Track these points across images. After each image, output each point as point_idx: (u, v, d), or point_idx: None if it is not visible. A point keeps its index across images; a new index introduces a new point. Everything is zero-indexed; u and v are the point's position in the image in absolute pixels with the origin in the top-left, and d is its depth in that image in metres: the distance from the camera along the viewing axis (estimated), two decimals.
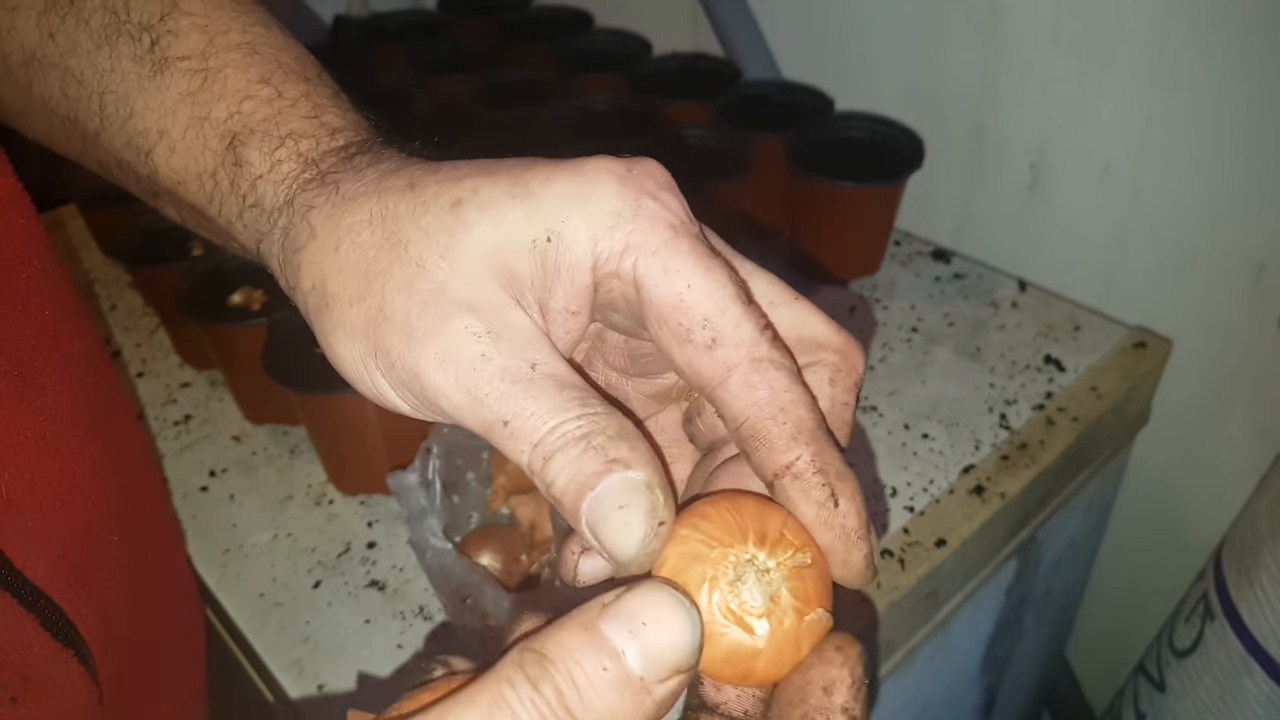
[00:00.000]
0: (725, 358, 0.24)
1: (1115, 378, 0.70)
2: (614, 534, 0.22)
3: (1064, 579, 0.82)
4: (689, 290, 0.24)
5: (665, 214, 0.25)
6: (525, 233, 0.25)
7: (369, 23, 1.08)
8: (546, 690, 0.19)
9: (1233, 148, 0.69)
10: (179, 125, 0.30)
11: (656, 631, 0.20)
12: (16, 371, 0.33)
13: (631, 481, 0.22)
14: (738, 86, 0.88)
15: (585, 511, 0.23)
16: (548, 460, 0.23)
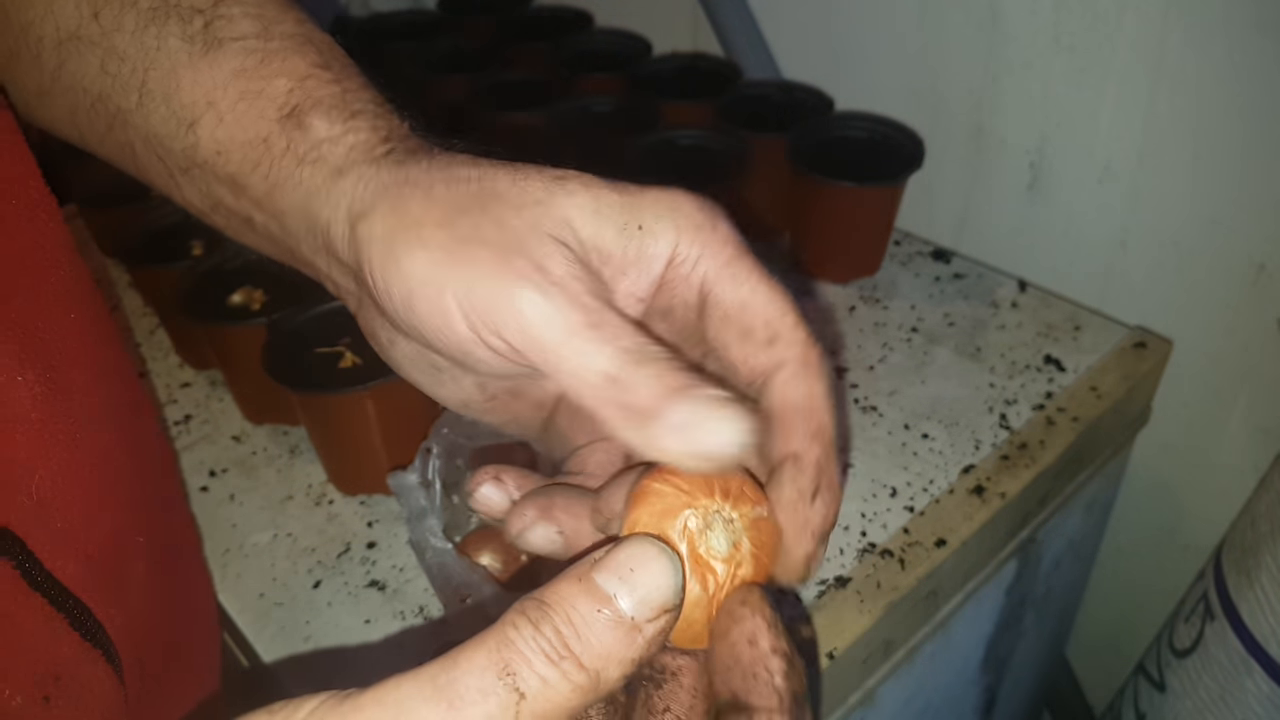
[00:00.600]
0: (779, 354, 0.27)
1: (1115, 378, 0.70)
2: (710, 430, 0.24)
3: (1064, 579, 0.82)
4: (753, 295, 0.28)
5: (734, 235, 0.29)
6: (620, 214, 0.28)
7: (369, 22, 1.08)
8: (547, 630, 0.21)
9: (1232, 148, 0.69)
10: (229, 97, 0.31)
11: (643, 576, 0.22)
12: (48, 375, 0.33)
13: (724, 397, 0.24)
14: (738, 86, 0.88)
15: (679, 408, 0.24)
16: (640, 365, 0.24)
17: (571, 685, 0.21)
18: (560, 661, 0.21)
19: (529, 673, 0.20)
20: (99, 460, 0.36)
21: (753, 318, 0.27)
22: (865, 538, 0.59)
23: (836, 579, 0.57)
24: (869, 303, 0.78)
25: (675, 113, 0.84)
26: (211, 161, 0.32)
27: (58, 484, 0.33)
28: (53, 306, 0.35)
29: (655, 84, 0.90)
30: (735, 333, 0.28)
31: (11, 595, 0.31)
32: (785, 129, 0.79)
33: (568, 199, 0.27)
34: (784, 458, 0.27)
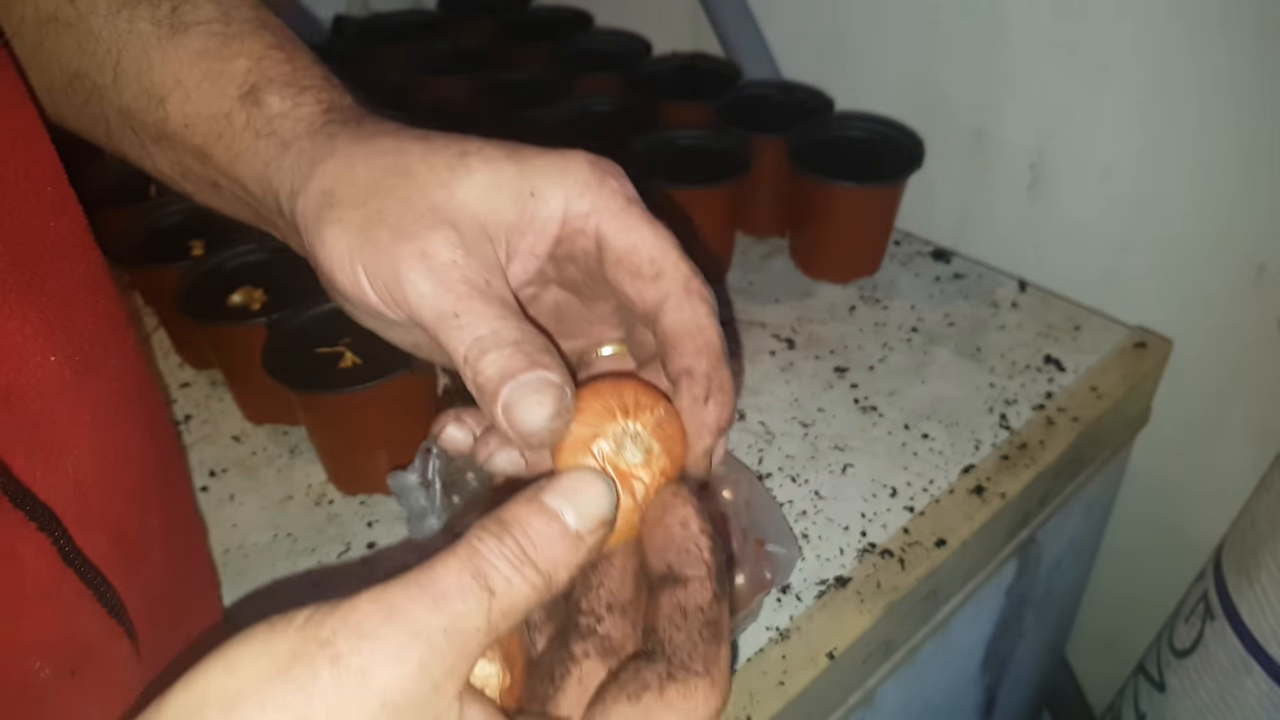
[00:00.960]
0: (665, 287, 0.32)
1: (1115, 378, 0.70)
2: (526, 412, 0.28)
3: (1064, 579, 0.82)
4: (640, 239, 0.32)
5: (623, 189, 0.32)
6: (514, 186, 0.32)
7: (369, 23, 1.08)
8: (509, 542, 0.25)
9: (1233, 149, 0.69)
10: (195, 76, 0.35)
11: (584, 497, 0.26)
12: (77, 358, 0.35)
13: (548, 379, 0.29)
14: (738, 87, 0.88)
15: (505, 393, 0.29)
16: (484, 353, 0.29)
17: (530, 586, 0.25)
18: (521, 566, 0.25)
19: (496, 575, 0.24)
20: (124, 443, 0.38)
21: (640, 258, 0.32)
22: (865, 538, 0.59)
23: (836, 579, 0.57)
24: (869, 303, 0.78)
25: (675, 113, 0.84)
26: (180, 134, 0.35)
27: (89, 464, 0.35)
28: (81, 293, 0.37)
29: (655, 84, 0.90)
30: (627, 273, 0.32)
31: (48, 571, 0.33)
32: (785, 129, 0.79)
33: (468, 178, 0.31)
34: (679, 373, 0.31)
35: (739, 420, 0.68)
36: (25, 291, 0.33)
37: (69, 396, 0.34)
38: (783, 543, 0.55)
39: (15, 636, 0.32)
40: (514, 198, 0.32)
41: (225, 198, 0.37)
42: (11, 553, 0.32)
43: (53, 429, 0.34)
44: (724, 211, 0.78)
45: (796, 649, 0.53)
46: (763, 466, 0.64)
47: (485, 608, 0.24)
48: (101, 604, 0.35)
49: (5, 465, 0.31)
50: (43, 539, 0.33)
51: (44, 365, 0.33)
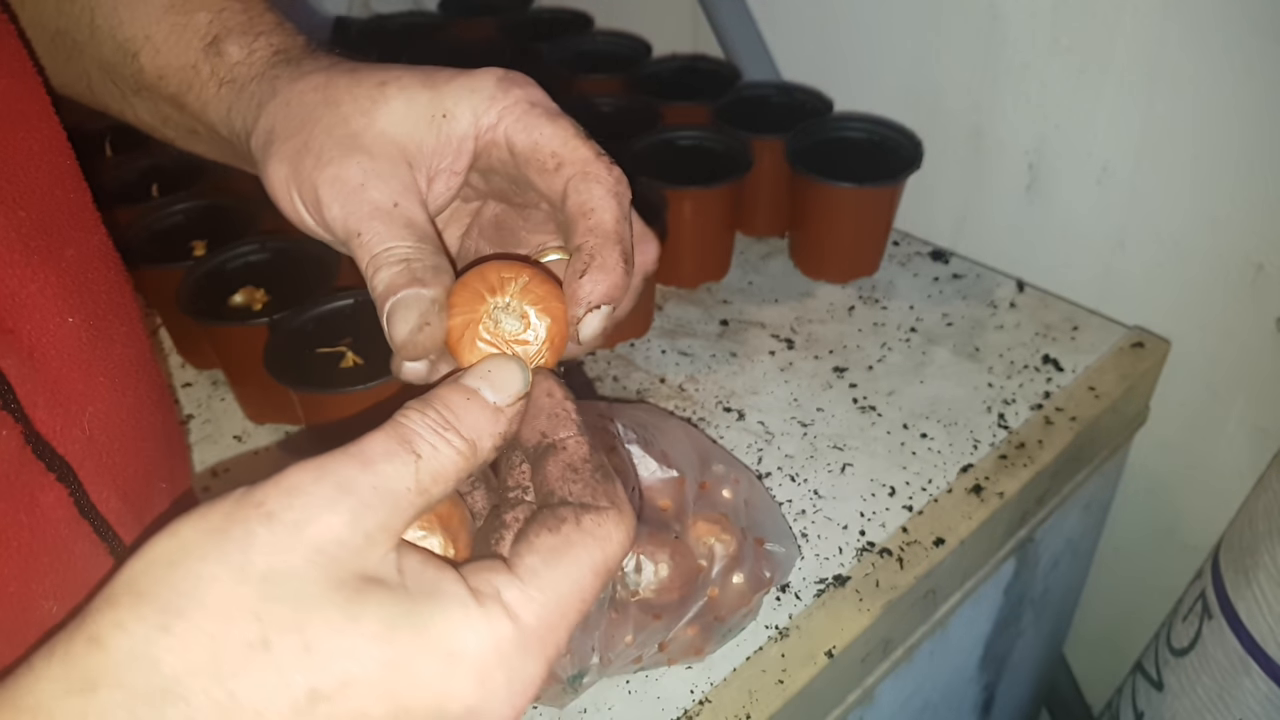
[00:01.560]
0: (566, 174, 0.33)
1: (1113, 378, 0.70)
2: (396, 325, 0.31)
3: (1062, 578, 0.82)
4: (542, 136, 0.34)
5: (527, 94, 0.35)
6: (428, 110, 0.34)
7: (370, 24, 1.08)
8: (430, 413, 0.27)
9: (1230, 148, 0.69)
10: (162, 30, 0.38)
11: (498, 374, 0.29)
12: (92, 321, 0.37)
13: (421, 295, 0.31)
14: (737, 88, 0.88)
15: (386, 308, 0.31)
16: (378, 269, 0.32)
17: (456, 450, 0.27)
18: (444, 432, 0.27)
19: (421, 441, 0.26)
20: (134, 405, 0.40)
21: (543, 154, 0.34)
22: (864, 537, 0.60)
23: (835, 578, 0.57)
24: (868, 303, 0.78)
25: (675, 114, 0.84)
26: (155, 85, 0.39)
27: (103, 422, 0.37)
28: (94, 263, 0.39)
29: (655, 85, 0.90)
30: (535, 171, 0.34)
31: (65, 521, 0.35)
32: (785, 130, 0.80)
33: (385, 106, 0.34)
34: (571, 251, 0.33)
35: (738, 420, 0.68)
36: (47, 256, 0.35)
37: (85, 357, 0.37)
38: (782, 542, 0.55)
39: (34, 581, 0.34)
40: (429, 122, 0.34)
41: (204, 142, 0.40)
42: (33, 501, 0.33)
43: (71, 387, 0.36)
44: (724, 212, 0.78)
45: (796, 647, 0.54)
46: (762, 466, 0.64)
47: (412, 469, 0.26)
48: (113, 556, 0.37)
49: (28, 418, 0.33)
50: (61, 490, 0.35)
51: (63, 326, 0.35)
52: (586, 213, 0.33)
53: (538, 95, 0.35)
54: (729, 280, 0.81)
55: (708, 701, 0.51)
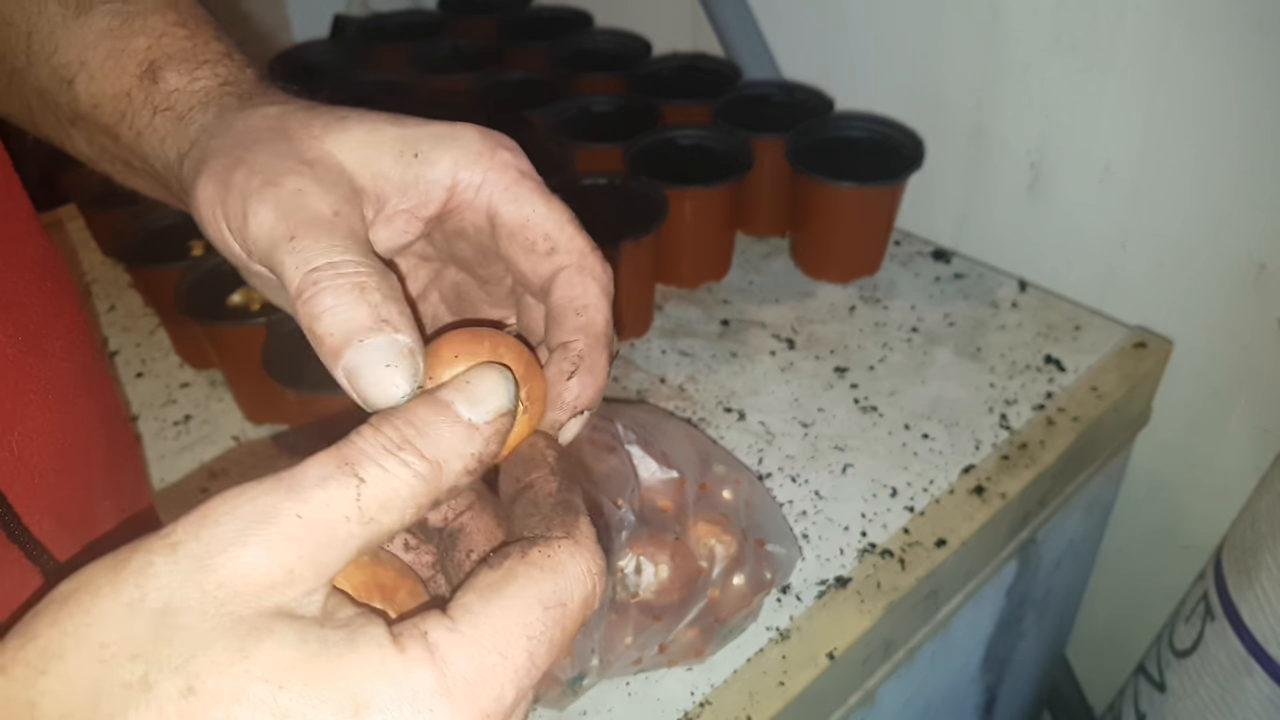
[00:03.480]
0: (559, 262, 0.31)
1: (1115, 378, 0.70)
2: (375, 385, 0.26)
3: (1064, 579, 0.82)
4: (534, 213, 0.31)
5: (515, 161, 0.31)
6: (395, 145, 0.30)
7: (369, 22, 1.08)
8: (386, 429, 0.23)
9: (1232, 148, 0.69)
10: (99, 56, 0.35)
11: (478, 385, 0.25)
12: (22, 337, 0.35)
13: (399, 344, 0.26)
14: (738, 86, 0.88)
15: (348, 356, 0.26)
16: (319, 291, 0.26)
17: (413, 473, 0.23)
18: (399, 451, 0.23)
19: (368, 462, 0.23)
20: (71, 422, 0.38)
21: (534, 233, 0.31)
22: (865, 538, 0.59)
23: (837, 579, 0.57)
24: (869, 303, 0.78)
25: (675, 113, 0.84)
26: (90, 114, 0.35)
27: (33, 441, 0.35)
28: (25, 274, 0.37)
29: (655, 84, 0.90)
30: (520, 248, 0.31)
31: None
32: (785, 129, 0.79)
33: (341, 132, 0.30)
34: (555, 346, 0.30)
35: (739, 420, 0.68)
36: None
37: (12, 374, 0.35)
38: (783, 543, 0.55)
39: None
40: (395, 156, 0.30)
41: (140, 177, 0.37)
42: None
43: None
44: (724, 211, 0.78)
45: (797, 649, 0.53)
46: (763, 466, 0.64)
47: (353, 495, 0.22)
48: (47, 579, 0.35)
49: None
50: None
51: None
52: (579, 309, 0.30)
53: (526, 164, 0.32)
54: (729, 280, 0.81)
55: (708, 703, 0.51)
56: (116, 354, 0.77)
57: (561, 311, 0.30)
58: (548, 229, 0.31)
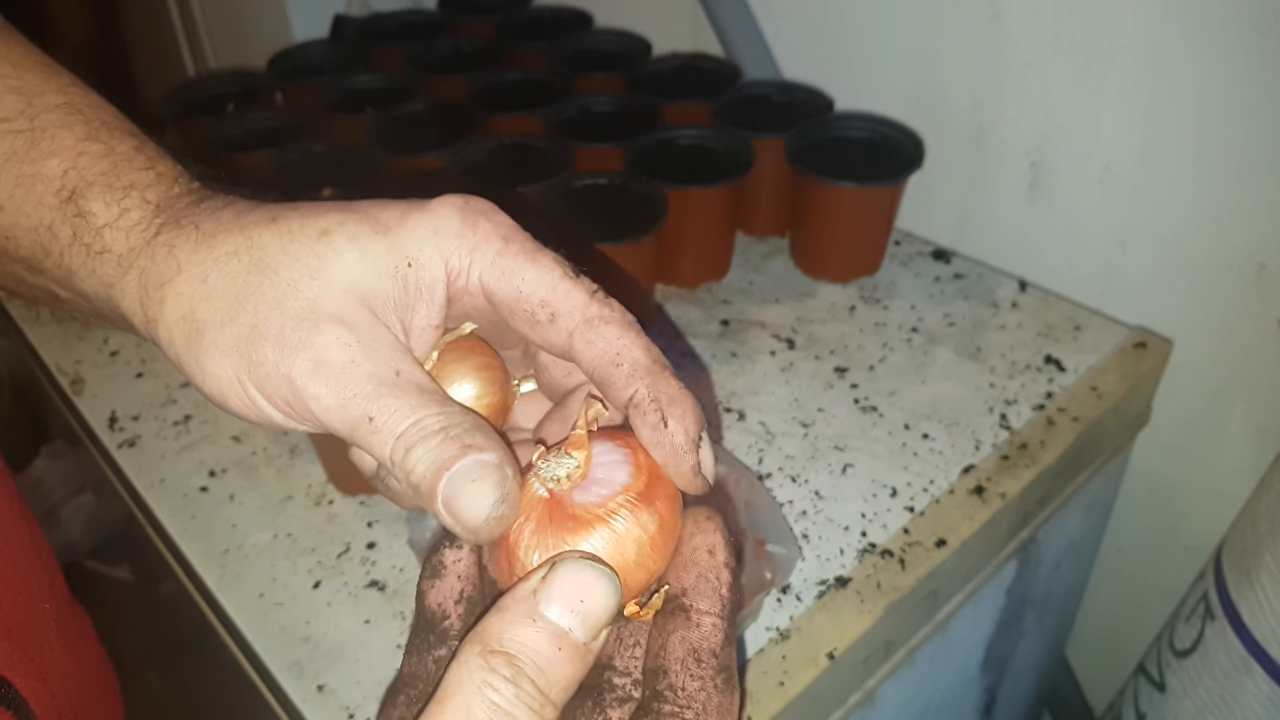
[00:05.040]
0: (565, 325, 0.29)
1: (1115, 378, 0.70)
2: (466, 503, 0.26)
3: (1064, 579, 0.82)
4: (524, 284, 0.29)
5: (497, 229, 0.30)
6: (388, 261, 0.29)
7: (369, 22, 1.08)
8: (525, 685, 0.23)
9: (1233, 148, 0.69)
10: (5, 185, 0.31)
11: (592, 603, 0.24)
12: None
13: (484, 461, 0.26)
14: (738, 86, 0.88)
15: (442, 488, 0.26)
16: (410, 449, 0.27)
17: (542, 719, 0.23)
18: (542, 709, 0.23)
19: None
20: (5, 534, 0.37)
21: (530, 304, 0.29)
22: (865, 538, 0.59)
23: (837, 579, 0.57)
24: (869, 303, 0.78)
25: (675, 113, 0.84)
26: (2, 246, 0.32)
27: None
28: None
29: (655, 84, 0.90)
30: (524, 323, 0.30)
31: None
32: (785, 129, 0.79)
33: (338, 263, 0.29)
34: (624, 406, 0.29)
35: (739, 420, 0.67)
36: None
37: None
38: (783, 543, 0.55)
39: None
40: (391, 275, 0.29)
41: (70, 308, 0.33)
42: None
43: None
44: (724, 211, 0.78)
45: (797, 649, 0.53)
46: (763, 466, 0.64)
47: None
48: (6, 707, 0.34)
49: None
50: None
51: None
52: (616, 361, 0.29)
53: (508, 228, 0.30)
54: (729, 280, 0.81)
55: None
56: (116, 354, 0.77)
57: (602, 372, 0.29)
58: (541, 295, 0.29)
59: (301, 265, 0.28)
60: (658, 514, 0.27)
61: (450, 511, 0.26)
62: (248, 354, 0.28)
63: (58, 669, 0.40)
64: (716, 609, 0.26)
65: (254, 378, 0.28)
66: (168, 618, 0.78)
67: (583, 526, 0.26)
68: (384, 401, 0.27)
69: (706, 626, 0.26)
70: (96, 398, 0.73)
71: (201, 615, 0.61)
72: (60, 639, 0.41)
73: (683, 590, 0.27)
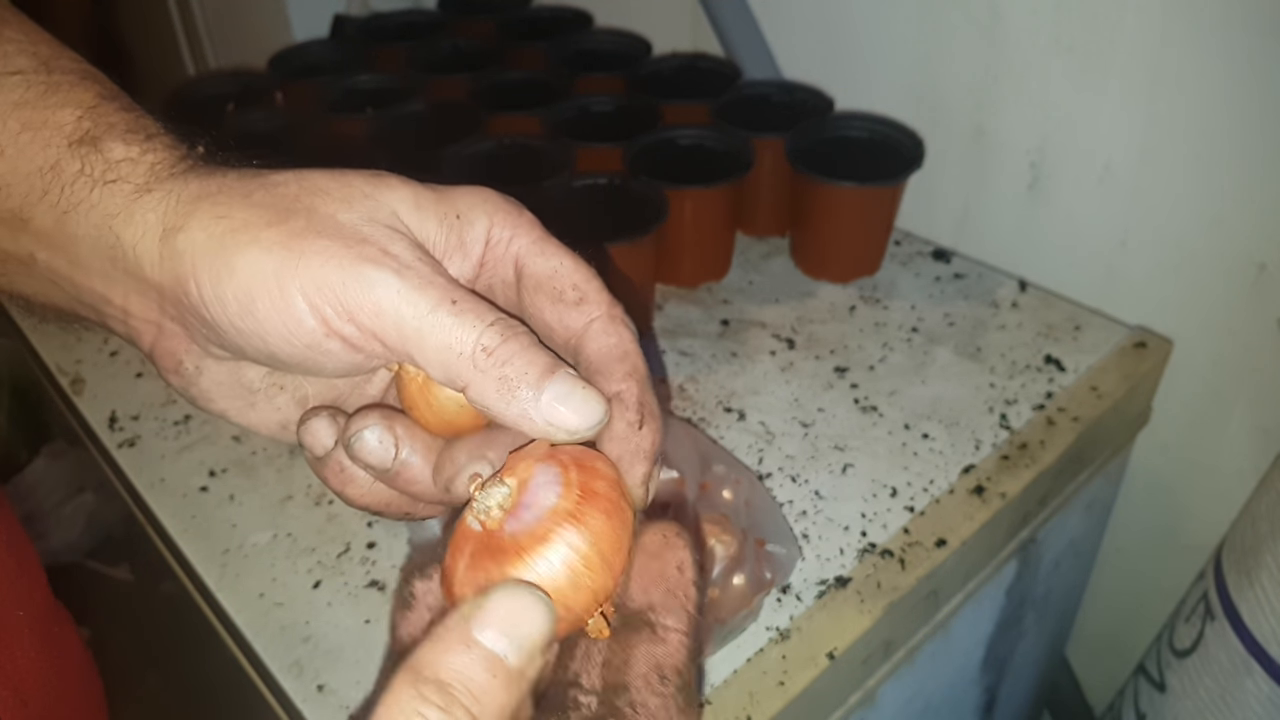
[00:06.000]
0: (589, 311, 0.31)
1: (1115, 378, 0.70)
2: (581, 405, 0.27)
3: (1064, 579, 0.82)
4: (561, 265, 0.31)
5: (536, 221, 0.32)
6: (437, 208, 0.30)
7: (369, 22, 1.08)
8: (458, 713, 0.22)
9: (1233, 147, 0.69)
10: (9, 130, 0.30)
11: (526, 630, 0.23)
12: None
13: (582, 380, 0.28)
14: (738, 86, 0.88)
15: (551, 385, 0.27)
16: (505, 339, 0.27)
17: None
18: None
19: None
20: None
21: (563, 283, 0.31)
22: (865, 538, 0.59)
23: (837, 579, 0.57)
24: (869, 303, 0.78)
25: (675, 113, 0.84)
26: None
27: None
28: None
29: (655, 84, 0.90)
30: (548, 298, 0.31)
31: None
32: (785, 129, 0.79)
33: (391, 193, 0.29)
34: (609, 397, 0.29)
35: (739, 420, 0.67)
36: None
37: None
38: (783, 543, 0.55)
39: None
40: (439, 219, 0.30)
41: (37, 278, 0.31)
42: None
43: None
44: (724, 211, 0.78)
45: (797, 649, 0.53)
46: (763, 466, 0.64)
47: None
48: None
49: None
50: None
51: None
52: (622, 356, 0.30)
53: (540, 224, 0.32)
54: (729, 280, 0.81)
55: (708, 703, 0.51)
56: (116, 354, 0.77)
57: (605, 359, 0.30)
58: (575, 280, 0.31)
59: (355, 189, 0.29)
60: (590, 531, 0.26)
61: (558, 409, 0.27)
62: (298, 248, 0.27)
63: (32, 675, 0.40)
64: (683, 626, 0.26)
65: (301, 274, 0.27)
66: (168, 617, 0.78)
67: (512, 555, 0.26)
68: (464, 293, 0.28)
69: (673, 643, 0.26)
70: (96, 398, 0.73)
71: (201, 615, 0.61)
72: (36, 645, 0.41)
73: (649, 606, 0.27)
